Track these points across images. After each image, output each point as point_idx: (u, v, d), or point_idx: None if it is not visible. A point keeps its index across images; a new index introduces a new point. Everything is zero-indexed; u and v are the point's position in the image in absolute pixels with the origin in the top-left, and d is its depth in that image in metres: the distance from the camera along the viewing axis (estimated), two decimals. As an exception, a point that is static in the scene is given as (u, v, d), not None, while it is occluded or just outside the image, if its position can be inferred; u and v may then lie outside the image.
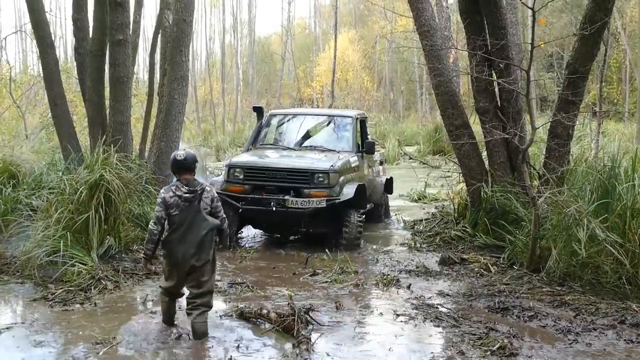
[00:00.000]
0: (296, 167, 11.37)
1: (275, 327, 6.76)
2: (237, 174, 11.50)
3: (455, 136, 11.66)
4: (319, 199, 11.02)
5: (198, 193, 6.66)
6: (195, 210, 6.63)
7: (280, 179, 11.26)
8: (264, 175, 11.38)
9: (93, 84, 11.90)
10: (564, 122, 10.11)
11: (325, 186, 11.14)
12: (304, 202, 11.00)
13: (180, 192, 6.61)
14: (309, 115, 14.19)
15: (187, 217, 6.62)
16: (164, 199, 6.62)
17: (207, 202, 6.74)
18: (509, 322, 7.15)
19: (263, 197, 11.16)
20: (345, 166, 11.72)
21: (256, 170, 11.49)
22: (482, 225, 10.97)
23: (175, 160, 6.72)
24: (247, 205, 11.22)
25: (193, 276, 6.71)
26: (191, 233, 6.63)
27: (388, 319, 7.31)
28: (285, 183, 11.20)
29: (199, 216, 6.65)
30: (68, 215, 9.10)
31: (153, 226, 6.66)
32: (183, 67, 12.98)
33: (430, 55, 11.77)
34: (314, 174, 11.20)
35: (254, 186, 11.35)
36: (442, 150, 28.28)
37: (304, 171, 11.26)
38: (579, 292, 8.21)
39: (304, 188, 11.13)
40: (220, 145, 33.57)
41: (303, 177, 11.21)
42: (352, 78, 59.72)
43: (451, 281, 9.08)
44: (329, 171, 11.20)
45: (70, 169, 10.64)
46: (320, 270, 9.55)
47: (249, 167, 11.56)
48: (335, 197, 11.14)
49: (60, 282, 8.40)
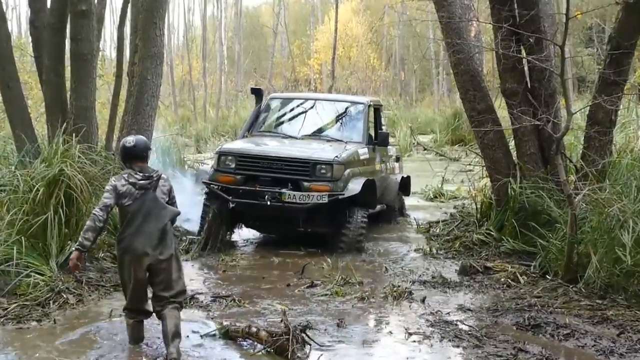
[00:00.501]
0: (295, 157, 11.48)
1: (266, 348, 6.74)
2: (228, 162, 11.60)
3: (478, 123, 11.65)
4: (320, 194, 11.07)
5: (154, 179, 6.79)
6: (152, 198, 6.75)
7: (277, 169, 11.34)
8: (258, 164, 11.47)
9: (51, 62, 11.85)
10: (605, 106, 10.08)
11: (327, 179, 11.25)
12: (302, 196, 11.05)
13: (133, 180, 6.72)
14: (315, 100, 14.18)
15: (143, 207, 6.71)
16: (115, 186, 6.72)
17: (164, 190, 6.89)
18: (541, 342, 7.16)
19: (257, 190, 11.22)
20: (352, 158, 11.85)
21: (250, 158, 11.60)
22: (510, 228, 10.97)
23: (124, 148, 6.89)
24: (239, 198, 11.33)
25: (161, 278, 6.77)
26: (150, 223, 6.70)
27: (399, 339, 7.31)
28: (283, 174, 11.30)
29: (158, 204, 6.78)
30: (22, 217, 9.07)
31: (98, 212, 6.69)
32: (157, 43, 12.94)
33: (448, 29, 11.77)
34: (316, 165, 11.30)
35: (247, 177, 11.43)
36: (462, 140, 28.31)
37: (305, 161, 11.37)
38: (623, 306, 8.20)
39: (303, 181, 11.21)
40: (201, 135, 33.55)
41: (303, 168, 11.32)
42: (356, 55, 59.66)
43: (473, 294, 9.09)
44: (333, 162, 11.31)
45: (24, 162, 10.61)
46: (319, 281, 9.55)
47: (242, 154, 11.68)
48: (338, 192, 11.22)
49: (13, 295, 8.36)
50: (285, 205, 11.10)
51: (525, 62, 11.16)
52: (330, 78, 46.88)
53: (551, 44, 10.66)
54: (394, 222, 14.22)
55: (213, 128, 36.36)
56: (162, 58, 13.39)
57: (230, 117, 41.77)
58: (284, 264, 10.76)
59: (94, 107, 12.04)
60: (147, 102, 12.81)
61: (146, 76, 12.75)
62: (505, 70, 11.26)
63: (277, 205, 11.10)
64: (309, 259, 10.82)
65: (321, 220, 11.68)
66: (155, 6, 12.84)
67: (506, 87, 11.29)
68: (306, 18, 71.24)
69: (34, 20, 12.78)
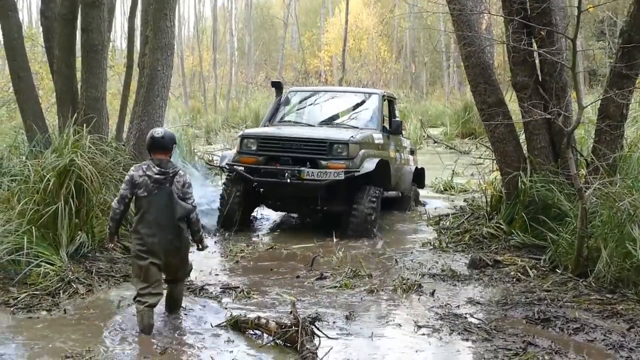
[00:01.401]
0: (313, 137, 12.32)
1: (275, 340, 6.74)
2: (250, 144, 12.43)
3: (488, 116, 11.63)
4: (336, 171, 11.77)
5: (170, 175, 7.08)
6: (166, 192, 7.06)
7: (296, 149, 12.12)
8: (278, 145, 12.28)
9: (62, 53, 11.88)
10: (616, 99, 10.04)
11: (344, 158, 11.98)
12: (320, 173, 11.80)
13: (150, 172, 7.05)
14: (332, 92, 15.64)
15: (158, 201, 7.03)
16: (132, 177, 7.10)
17: (179, 186, 7.14)
18: (550, 336, 7.14)
19: (277, 169, 11.97)
20: (367, 140, 12.67)
21: (271, 140, 12.44)
22: (520, 222, 10.95)
23: (151, 137, 7.21)
24: (260, 177, 12.15)
25: (171, 269, 7.31)
26: (163, 217, 7.04)
27: (408, 331, 7.30)
28: (302, 154, 12.07)
29: (172, 199, 7.08)
30: (33, 207, 9.08)
31: (115, 204, 7.24)
32: (168, 34, 12.94)
33: (459, 21, 11.74)
34: (333, 144, 12.05)
35: (267, 157, 12.24)
36: (473, 133, 28.34)
37: (322, 141, 12.15)
38: (633, 300, 8.16)
39: (321, 159, 11.97)
40: (211, 126, 33.59)
41: (320, 147, 12.09)
42: (366, 47, 59.64)
43: (483, 287, 9.08)
44: (349, 142, 12.07)
45: (35, 152, 10.64)
46: (328, 273, 9.56)
47: (263, 137, 12.55)
48: (354, 169, 11.89)
49: (23, 284, 8.38)
50: (304, 183, 11.80)
51: (537, 55, 11.11)
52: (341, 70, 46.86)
53: (562, 37, 10.62)
54: (409, 211, 14.75)
55: (223, 119, 36.40)
56: (173, 49, 13.38)
57: (240, 108, 41.81)
58: (293, 256, 10.77)
59: (105, 98, 12.03)
60: (157, 93, 12.82)
61: (157, 67, 12.75)
62: (516, 63, 11.22)
63: (297, 182, 11.79)
64: (318, 251, 10.84)
65: (337, 199, 12.39)
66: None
67: (517, 80, 11.25)
68: (317, 10, 71.16)
69: (45, 11, 12.80)
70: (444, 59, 54.43)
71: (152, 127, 12.60)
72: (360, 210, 12.07)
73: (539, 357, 6.39)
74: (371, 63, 58.02)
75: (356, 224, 12.05)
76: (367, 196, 12.15)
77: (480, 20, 12.86)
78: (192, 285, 8.68)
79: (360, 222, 12.04)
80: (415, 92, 52.76)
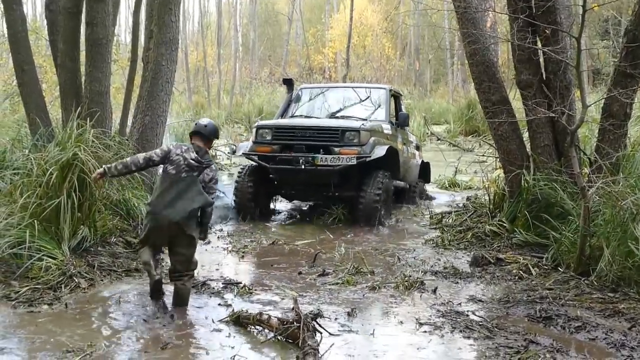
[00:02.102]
0: (326, 125, 13.11)
1: (277, 336, 6.74)
2: (265, 134, 13.20)
3: (492, 114, 11.62)
4: (349, 156, 12.49)
5: (203, 166, 7.54)
6: (193, 180, 7.46)
7: (309, 137, 12.88)
8: (292, 134, 13.06)
9: (66, 46, 11.87)
10: (620, 99, 10.03)
11: (355, 144, 12.67)
12: (333, 159, 12.51)
13: (187, 155, 7.52)
14: (341, 88, 16.53)
15: (182, 184, 7.42)
16: (169, 150, 7.58)
17: (206, 179, 7.57)
18: (552, 334, 7.13)
19: (292, 156, 12.71)
20: (376, 128, 13.42)
21: (285, 129, 13.23)
22: (522, 220, 10.94)
23: (196, 124, 7.85)
24: (276, 164, 12.91)
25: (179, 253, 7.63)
26: (182, 200, 7.38)
27: (409, 329, 7.29)
28: (315, 142, 12.81)
29: (196, 189, 7.45)
30: (35, 200, 9.09)
31: (139, 158, 7.66)
32: (172, 29, 12.94)
33: (463, 19, 11.73)
34: (345, 131, 12.80)
35: (282, 146, 12.99)
36: (476, 131, 28.34)
37: (334, 129, 12.91)
38: (635, 299, 8.15)
39: (333, 146, 12.68)
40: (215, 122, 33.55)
41: (333, 135, 12.83)
42: (370, 44, 59.65)
43: (485, 285, 9.07)
44: (360, 129, 12.78)
45: (38, 146, 10.64)
46: (330, 270, 9.57)
47: (278, 126, 13.35)
48: (365, 155, 12.62)
49: (25, 278, 8.39)
50: (317, 169, 12.55)
51: (541, 53, 11.11)
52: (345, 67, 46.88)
53: (567, 35, 10.60)
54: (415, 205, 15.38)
55: (227, 115, 36.41)
56: (177, 44, 13.38)
57: (244, 104, 41.79)
58: (295, 252, 10.78)
59: (109, 92, 12.04)
60: (161, 87, 12.82)
61: (161, 62, 12.75)
62: (520, 61, 11.21)
63: (311, 168, 12.56)
64: (320, 247, 10.85)
65: (349, 184, 13.01)
66: (170, -8, 12.85)
67: (521, 79, 11.24)
68: (321, 6, 71.11)
69: (50, 4, 12.81)
70: (448, 57, 54.35)
71: (156, 121, 12.72)
72: (368, 193, 12.65)
73: (540, 355, 6.38)
74: (375, 60, 58.00)
75: (365, 206, 12.62)
76: (375, 181, 12.78)
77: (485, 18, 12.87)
78: (195, 281, 8.67)
79: (369, 205, 12.61)
80: (419, 90, 52.70)
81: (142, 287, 8.56)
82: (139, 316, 7.40)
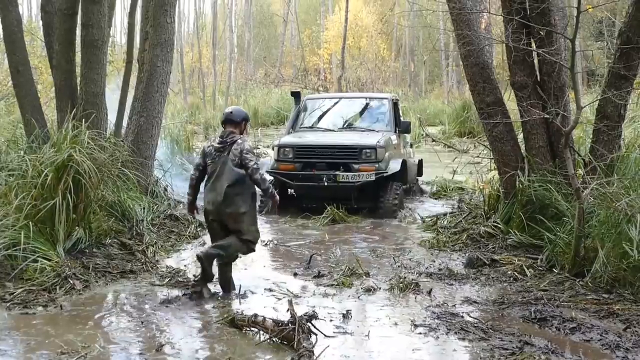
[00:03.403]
0: (345, 144, 14.11)
1: (272, 337, 6.74)
2: (287, 152, 14.13)
3: (487, 115, 11.60)
4: (368, 173, 13.64)
5: (227, 144, 8.30)
6: (223, 161, 8.28)
7: (329, 155, 13.88)
8: (314, 152, 14.02)
9: (62, 47, 11.85)
10: (614, 100, 10.02)
11: (373, 161, 13.80)
12: (354, 176, 13.62)
13: (213, 142, 8.49)
14: (345, 99, 17.49)
15: (216, 167, 8.30)
16: (203, 148, 8.68)
17: (236, 153, 8.25)
18: (547, 335, 7.13)
19: (315, 173, 13.70)
20: (388, 142, 14.44)
21: (306, 148, 14.16)
22: (517, 221, 10.93)
23: (224, 113, 8.74)
24: (299, 182, 13.85)
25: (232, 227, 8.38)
26: (219, 182, 8.25)
27: (404, 330, 7.28)
28: (335, 159, 13.82)
29: (226, 167, 8.25)
30: (30, 201, 9.08)
31: (192, 172, 8.72)
32: (168, 30, 12.94)
33: (458, 20, 11.72)
34: (363, 149, 13.88)
35: (304, 164, 13.92)
36: (471, 132, 28.35)
37: (353, 147, 13.95)
38: (629, 300, 8.14)
39: (353, 163, 13.76)
40: (210, 122, 33.54)
41: (352, 153, 13.89)
42: (365, 45, 59.62)
43: (479, 286, 9.06)
44: (377, 147, 13.90)
45: (33, 147, 10.63)
46: (325, 271, 9.55)
47: (299, 145, 14.25)
48: (383, 171, 13.82)
49: (20, 280, 8.39)
50: (339, 185, 13.63)
51: (535, 55, 11.09)
52: (340, 68, 46.87)
53: (561, 37, 10.60)
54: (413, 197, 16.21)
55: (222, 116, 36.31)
56: (173, 45, 13.39)
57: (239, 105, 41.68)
58: (290, 254, 10.75)
59: (104, 93, 12.01)
60: (156, 89, 12.83)
61: (156, 63, 12.75)
62: (515, 62, 11.20)
63: (333, 185, 13.61)
64: (315, 249, 10.83)
65: (367, 196, 14.01)
66: (166, -7, 12.83)
67: (516, 80, 11.23)
68: (316, 7, 71.12)
69: (45, 5, 12.78)
70: (443, 58, 54.45)
71: (151, 122, 12.76)
72: (387, 204, 13.83)
73: (535, 356, 6.37)
74: (370, 61, 57.95)
75: (385, 209, 13.80)
76: (391, 191, 13.93)
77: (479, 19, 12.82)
78: (189, 282, 8.68)
79: (389, 208, 13.81)
80: (414, 91, 52.74)
81: (137, 288, 8.56)
82: (134, 318, 7.39)
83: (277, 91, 49.24)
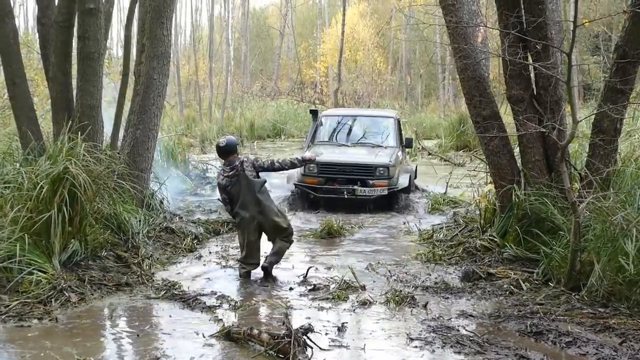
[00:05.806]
0: (362, 163, 16.46)
1: (267, 351, 6.74)
2: (312, 168, 16.22)
3: (483, 129, 11.63)
4: (381, 188, 16.04)
5: (238, 167, 9.70)
6: (242, 178, 9.67)
7: (349, 172, 16.22)
8: (335, 169, 16.31)
9: (58, 60, 11.86)
10: (610, 114, 10.02)
11: (386, 177, 16.17)
12: (370, 190, 15.99)
13: (225, 173, 9.80)
14: (357, 116, 19.59)
15: (239, 186, 9.70)
16: (218, 184, 10.05)
17: (250, 168, 9.75)
18: (543, 349, 7.14)
19: (336, 188, 16.05)
20: (397, 160, 16.89)
21: (329, 165, 16.31)
22: (513, 235, 10.94)
23: (218, 147, 10.05)
24: (323, 194, 16.20)
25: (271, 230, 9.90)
26: (247, 196, 9.68)
27: (400, 344, 7.29)
28: (353, 175, 16.18)
29: (248, 181, 9.67)
30: (26, 214, 9.07)
31: (224, 206, 10.32)
32: (164, 43, 12.95)
33: (455, 34, 11.74)
34: (377, 167, 16.26)
35: (327, 178, 16.22)
36: (467, 146, 28.36)
37: (369, 165, 16.34)
38: (625, 314, 8.16)
39: (368, 179, 16.13)
40: (206, 135, 33.58)
41: (368, 170, 16.25)
42: (362, 59, 59.70)
43: (475, 300, 9.06)
44: (389, 165, 16.30)
45: (29, 159, 10.62)
46: (321, 284, 9.55)
47: (323, 162, 16.19)
48: (394, 186, 16.32)
49: (15, 292, 8.37)
50: (357, 198, 15.96)
51: (532, 68, 11.12)
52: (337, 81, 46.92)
53: (558, 51, 10.63)
54: None
55: (218, 129, 36.33)
56: (169, 58, 13.40)
57: (235, 118, 41.75)
58: (287, 267, 10.74)
59: (100, 105, 11.99)
60: (153, 101, 12.83)
61: (152, 75, 12.76)
62: (511, 76, 11.22)
63: (352, 197, 15.91)
64: (311, 261, 10.83)
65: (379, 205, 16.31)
66: (162, 6, 12.85)
67: (512, 94, 11.24)
68: (313, 20, 71.25)
69: (42, 18, 12.79)
70: (439, 71, 54.42)
71: (147, 135, 12.73)
72: (397, 209, 16.31)
73: (531, 370, 6.38)
74: (367, 74, 58.01)
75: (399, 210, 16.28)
76: (401, 201, 16.50)
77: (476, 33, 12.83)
78: (185, 295, 8.68)
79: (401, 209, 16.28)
80: (411, 104, 52.71)
81: (133, 301, 8.56)
82: (129, 330, 7.39)
83: (274, 104, 49.29)
